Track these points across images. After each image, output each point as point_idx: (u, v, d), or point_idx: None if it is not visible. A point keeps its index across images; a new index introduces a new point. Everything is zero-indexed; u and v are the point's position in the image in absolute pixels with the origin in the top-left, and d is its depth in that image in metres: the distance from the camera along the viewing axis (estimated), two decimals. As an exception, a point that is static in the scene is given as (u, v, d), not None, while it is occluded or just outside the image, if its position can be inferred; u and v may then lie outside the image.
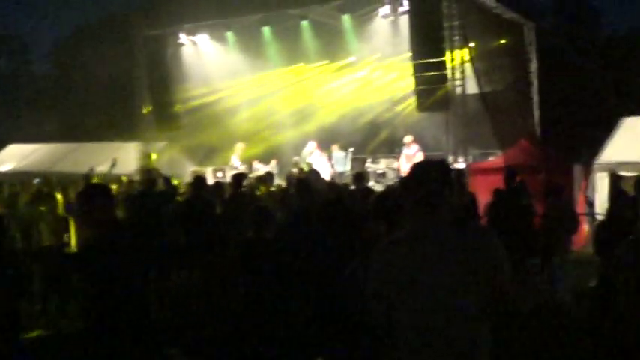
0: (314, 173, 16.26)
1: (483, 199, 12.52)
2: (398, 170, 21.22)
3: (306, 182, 11.74)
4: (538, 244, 11.67)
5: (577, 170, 16.68)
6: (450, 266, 3.82)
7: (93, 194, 5.50)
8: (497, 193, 12.27)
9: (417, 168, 4.21)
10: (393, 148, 21.82)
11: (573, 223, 12.03)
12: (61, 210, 12.13)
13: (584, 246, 13.93)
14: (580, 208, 15.10)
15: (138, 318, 5.25)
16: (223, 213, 10.53)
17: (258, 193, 13.82)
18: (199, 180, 11.63)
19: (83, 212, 5.51)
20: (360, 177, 13.74)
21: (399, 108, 24.17)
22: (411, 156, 20.48)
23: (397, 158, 21.30)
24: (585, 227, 14.64)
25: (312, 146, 22.12)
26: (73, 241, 11.50)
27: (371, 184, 18.90)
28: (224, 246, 6.47)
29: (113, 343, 5.17)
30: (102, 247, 5.28)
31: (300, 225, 7.53)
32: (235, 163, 21.96)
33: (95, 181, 15.68)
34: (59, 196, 12.78)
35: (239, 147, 22.35)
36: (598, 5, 57.18)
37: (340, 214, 6.69)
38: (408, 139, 20.91)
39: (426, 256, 3.87)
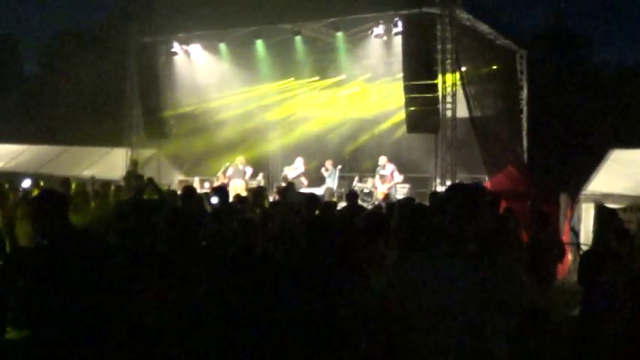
0: (290, 186, 16.24)
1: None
2: (374, 192, 21.31)
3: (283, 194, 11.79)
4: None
5: (563, 199, 16.72)
6: (465, 300, 3.80)
7: (39, 200, 5.38)
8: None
9: (450, 191, 4.19)
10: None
11: (560, 252, 12.05)
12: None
13: (567, 275, 13.96)
14: (565, 237, 15.13)
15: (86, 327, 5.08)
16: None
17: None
18: (189, 190, 11.58)
19: (32, 217, 5.39)
20: (353, 196, 13.80)
21: (389, 128, 24.21)
22: (386, 176, 20.60)
23: (374, 177, 21.47)
24: (569, 257, 14.66)
25: (299, 162, 22.19)
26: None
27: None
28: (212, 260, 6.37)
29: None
30: (38, 254, 5.16)
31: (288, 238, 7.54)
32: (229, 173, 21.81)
33: (75, 185, 15.62)
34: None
35: (239, 160, 22.17)
36: (590, 36, 57.46)
37: (327, 230, 6.66)
38: (382, 159, 21.03)
39: (441, 286, 3.85)
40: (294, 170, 22.04)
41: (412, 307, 3.88)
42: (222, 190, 11.52)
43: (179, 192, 12.59)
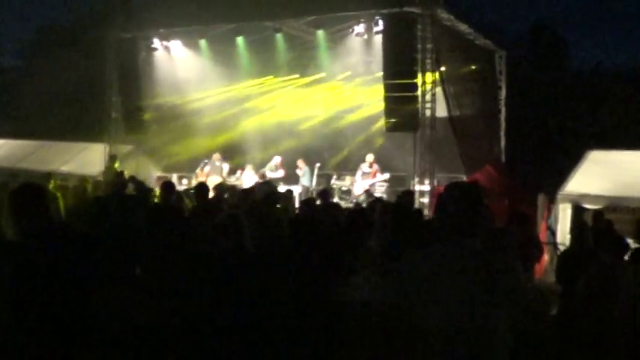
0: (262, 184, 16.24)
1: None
2: (352, 189, 21.37)
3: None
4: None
5: (541, 199, 16.82)
6: (472, 287, 3.87)
7: (18, 193, 5.28)
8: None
9: (455, 189, 4.25)
10: (358, 166, 21.84)
11: (537, 252, 12.11)
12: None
13: (544, 275, 14.04)
14: (542, 236, 15.22)
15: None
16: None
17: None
18: (168, 185, 11.46)
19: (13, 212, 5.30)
20: (325, 193, 13.84)
21: (367, 127, 24.24)
22: (369, 174, 20.65)
23: (352, 176, 21.52)
24: (546, 256, 14.75)
25: (276, 160, 22.18)
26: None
27: (335, 200, 18.96)
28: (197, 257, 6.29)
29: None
30: (20, 249, 5.10)
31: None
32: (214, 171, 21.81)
33: (54, 180, 15.55)
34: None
35: (216, 157, 22.17)
36: (569, 38, 57.78)
37: (311, 227, 6.66)
38: (369, 157, 21.05)
39: (453, 277, 3.93)
40: (276, 172, 21.96)
41: (419, 301, 3.95)
42: (201, 188, 11.49)
43: (157, 188, 12.55)
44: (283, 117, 25.77)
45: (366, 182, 20.77)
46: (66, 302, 4.94)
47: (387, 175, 20.83)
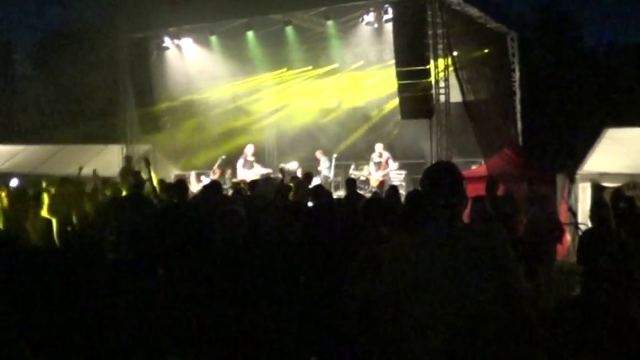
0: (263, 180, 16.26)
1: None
2: (369, 179, 21.33)
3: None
4: (522, 252, 11.65)
5: (560, 180, 16.70)
6: (462, 269, 3.80)
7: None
8: (477, 200, 12.22)
9: (435, 171, 4.20)
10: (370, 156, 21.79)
11: (559, 232, 12.05)
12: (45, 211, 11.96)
13: (566, 255, 13.95)
14: (563, 217, 15.11)
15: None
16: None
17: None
18: (182, 183, 11.39)
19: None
20: (352, 183, 13.92)
21: (382, 115, 24.21)
22: (381, 164, 20.63)
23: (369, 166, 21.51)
24: (568, 237, 14.65)
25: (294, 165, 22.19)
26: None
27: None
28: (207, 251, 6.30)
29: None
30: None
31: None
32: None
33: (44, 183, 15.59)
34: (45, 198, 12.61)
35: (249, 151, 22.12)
36: (582, 16, 57.40)
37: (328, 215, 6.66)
38: (378, 147, 21.05)
39: (441, 260, 3.86)
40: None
41: (413, 284, 3.90)
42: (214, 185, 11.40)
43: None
44: (299, 109, 25.79)
45: (379, 174, 20.76)
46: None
47: (395, 166, 20.79)
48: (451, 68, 18.38)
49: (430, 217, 4.06)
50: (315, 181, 19.28)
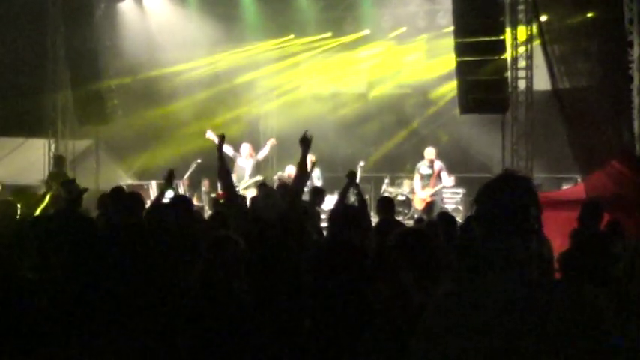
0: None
1: (554, 245, 12.38)
2: (411, 199, 21.07)
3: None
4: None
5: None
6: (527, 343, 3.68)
7: None
8: (575, 236, 12.12)
9: (495, 190, 4.01)
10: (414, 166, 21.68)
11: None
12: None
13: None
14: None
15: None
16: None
17: None
18: (136, 198, 11.09)
19: None
20: (389, 205, 13.47)
21: (431, 107, 24.22)
22: (431, 177, 20.24)
23: (412, 179, 21.18)
24: None
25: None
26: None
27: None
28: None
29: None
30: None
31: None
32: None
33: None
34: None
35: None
36: None
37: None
38: (429, 152, 20.35)
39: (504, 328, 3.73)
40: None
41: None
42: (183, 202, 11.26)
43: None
44: (311, 94, 25.81)
45: (426, 193, 20.26)
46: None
47: (451, 181, 20.25)
48: (537, 40, 18.31)
49: (487, 262, 3.91)
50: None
